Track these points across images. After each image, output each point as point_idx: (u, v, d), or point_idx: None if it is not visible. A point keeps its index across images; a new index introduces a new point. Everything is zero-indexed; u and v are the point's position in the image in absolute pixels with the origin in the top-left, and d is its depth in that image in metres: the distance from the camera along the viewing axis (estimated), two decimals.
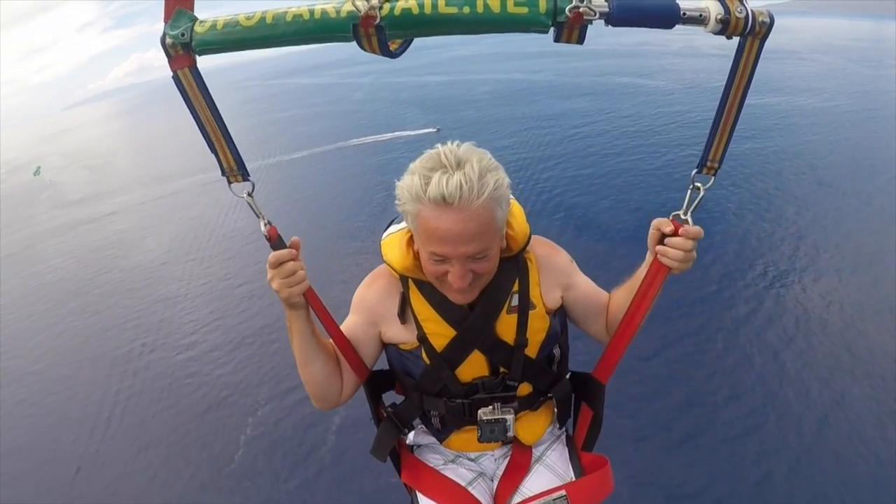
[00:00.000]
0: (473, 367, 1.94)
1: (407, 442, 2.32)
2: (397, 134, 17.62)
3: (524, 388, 2.02)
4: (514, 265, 1.93)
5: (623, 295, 1.94)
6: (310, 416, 5.56)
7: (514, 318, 1.90)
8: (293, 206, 12.34)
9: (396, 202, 1.69)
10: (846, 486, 4.15)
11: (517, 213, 1.93)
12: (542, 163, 12.20)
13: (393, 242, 1.94)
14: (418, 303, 1.91)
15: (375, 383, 2.15)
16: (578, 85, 22.60)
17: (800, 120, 13.72)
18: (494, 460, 2.21)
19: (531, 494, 2.01)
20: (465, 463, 2.20)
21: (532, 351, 1.95)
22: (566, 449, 2.22)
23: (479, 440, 1.98)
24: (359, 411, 5.36)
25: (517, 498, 2.04)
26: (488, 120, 17.52)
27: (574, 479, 2.08)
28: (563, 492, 1.97)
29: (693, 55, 28.56)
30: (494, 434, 1.97)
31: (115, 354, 7.62)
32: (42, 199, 20.27)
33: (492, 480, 2.18)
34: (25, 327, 8.99)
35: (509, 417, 1.97)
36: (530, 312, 1.91)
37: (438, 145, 1.65)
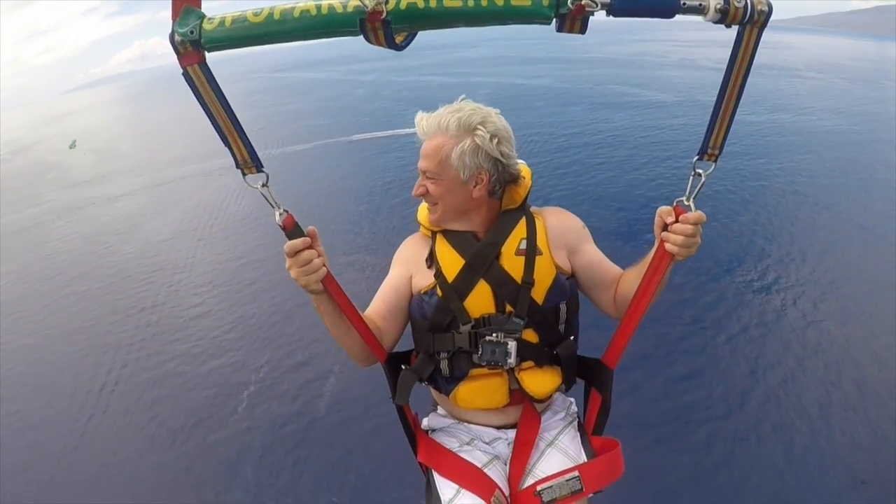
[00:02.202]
0: (481, 300, 2.13)
1: (423, 426, 2.47)
2: (397, 131, 17.73)
3: (529, 335, 2.16)
4: (519, 213, 2.21)
5: (633, 275, 2.07)
6: (307, 371, 5.99)
7: (521, 259, 2.11)
8: (297, 194, 12.60)
9: None
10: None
11: (523, 171, 2.26)
12: (539, 165, 12.30)
13: (423, 207, 2.28)
14: (441, 245, 2.20)
15: (394, 363, 2.31)
16: (576, 92, 22.67)
17: (791, 138, 13.94)
18: (508, 445, 2.30)
19: (544, 476, 2.13)
20: (481, 446, 2.30)
21: (539, 295, 2.13)
22: (578, 433, 2.33)
23: (480, 359, 2.11)
24: (352, 372, 5.81)
25: (530, 479, 2.15)
26: None
27: (586, 460, 2.19)
28: (575, 472, 2.10)
29: (692, 68, 28.65)
30: (495, 355, 2.08)
31: (126, 314, 8.06)
32: (48, 179, 20.23)
33: (506, 465, 2.26)
34: (37, 298, 9.32)
35: (511, 343, 2.09)
36: (537, 257, 2.12)
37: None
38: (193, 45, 1.49)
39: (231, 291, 8.16)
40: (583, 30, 1.46)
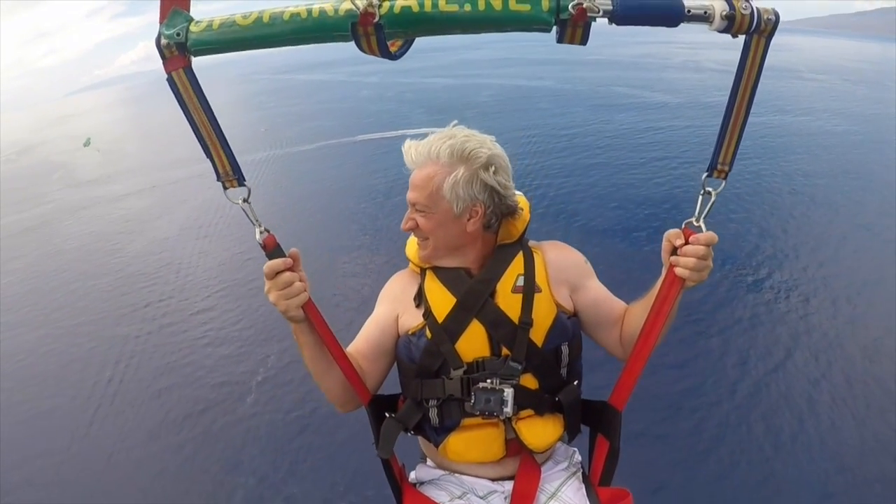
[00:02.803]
0: (474, 342, 1.95)
1: (409, 479, 2.27)
2: (402, 132, 17.69)
3: (528, 380, 1.97)
4: (516, 247, 2.04)
5: (639, 309, 1.93)
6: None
7: (518, 297, 1.94)
8: (296, 195, 12.77)
9: None
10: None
11: (521, 203, 2.09)
12: (541, 166, 12.48)
13: (412, 241, 2.13)
14: (430, 282, 2.03)
15: (378, 407, 2.15)
16: (578, 93, 22.71)
17: (789, 139, 13.97)
18: (504, 499, 2.06)
19: None
20: (474, 500, 2.07)
21: (538, 336, 1.94)
22: (582, 485, 2.10)
23: (473, 408, 1.92)
24: None
25: None
26: (489, 123, 17.52)
27: None
28: None
29: (695, 69, 28.69)
30: (490, 404, 1.90)
31: (134, 310, 8.22)
32: (53, 179, 20.33)
33: None
34: (46, 293, 9.51)
35: (508, 391, 1.90)
36: (536, 295, 1.95)
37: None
38: (179, 48, 1.44)
39: (236, 285, 8.32)
40: (584, 40, 1.39)
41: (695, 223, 1.69)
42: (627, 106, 18.88)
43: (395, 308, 2.08)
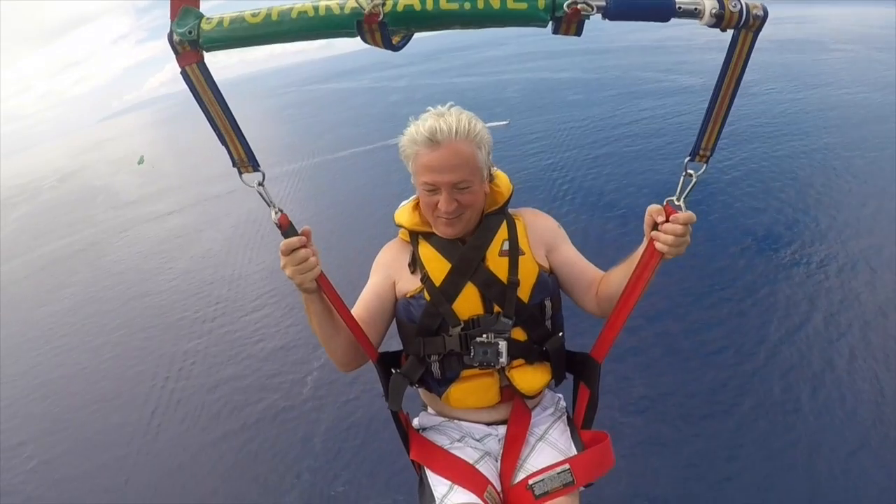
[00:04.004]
0: (469, 301, 2.13)
1: (414, 425, 2.45)
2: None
3: (518, 333, 2.16)
4: (501, 216, 2.22)
5: (619, 274, 2.06)
6: None
7: (505, 259, 2.13)
8: (333, 200, 13.08)
9: (400, 151, 2.10)
10: None
11: (502, 176, 2.27)
12: (570, 156, 12.58)
13: (403, 210, 2.28)
14: (424, 249, 2.18)
15: (385, 363, 2.32)
16: (603, 82, 22.66)
17: (824, 114, 13.52)
18: (498, 441, 2.30)
19: (535, 469, 2.13)
20: (471, 443, 2.28)
21: (524, 293, 2.14)
22: (567, 427, 2.34)
23: (472, 360, 2.10)
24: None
25: (521, 474, 2.15)
26: (518, 117, 17.83)
27: (576, 454, 2.19)
28: (566, 465, 2.09)
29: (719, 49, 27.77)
30: (487, 356, 2.09)
31: (190, 318, 8.60)
32: (97, 201, 20.94)
33: (497, 461, 2.26)
34: (102, 304, 10.04)
35: (502, 343, 2.09)
36: (520, 257, 2.14)
37: (429, 107, 2.07)
38: (192, 45, 1.51)
39: (286, 288, 8.51)
40: (578, 32, 1.46)
41: (675, 202, 1.80)
42: (654, 91, 18.80)
43: (389, 275, 2.24)
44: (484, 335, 2.10)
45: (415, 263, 2.19)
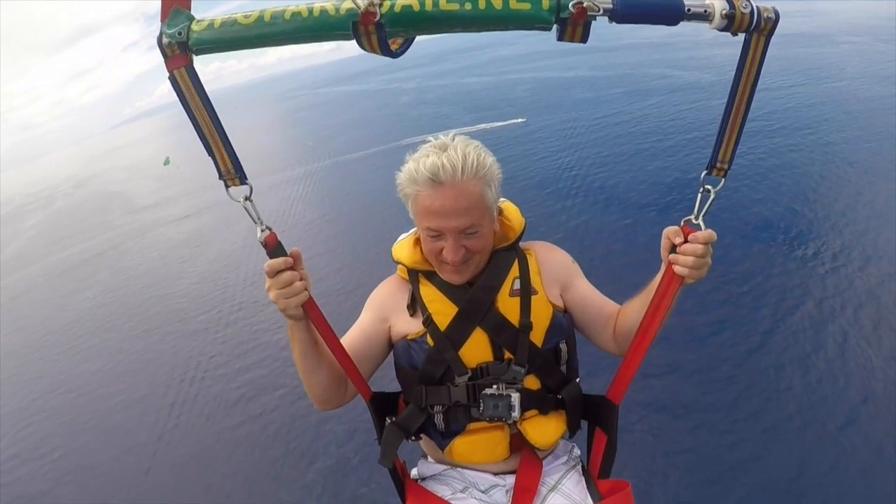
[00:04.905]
0: (477, 348, 1.93)
1: (412, 476, 2.26)
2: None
3: (531, 382, 1.98)
4: (511, 253, 2.01)
5: (636, 306, 1.91)
6: None
7: (516, 300, 1.93)
8: (345, 203, 13.03)
9: (398, 190, 1.85)
10: None
11: (511, 208, 2.08)
12: (582, 155, 12.55)
13: (402, 245, 2.08)
14: (426, 289, 1.99)
15: (380, 405, 2.14)
16: (611, 79, 22.62)
17: (827, 108, 13.40)
18: (506, 492, 2.06)
19: None
20: (476, 494, 2.05)
21: (537, 337, 1.94)
22: (582, 478, 2.11)
23: (482, 415, 1.92)
24: None
25: None
26: (527, 117, 17.85)
27: None
28: None
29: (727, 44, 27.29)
30: (498, 410, 1.90)
31: (209, 314, 8.85)
32: (113, 206, 21.18)
33: None
34: (118, 308, 10.23)
35: (514, 395, 1.91)
36: (533, 297, 1.95)
37: (430, 138, 1.84)
38: (181, 47, 1.44)
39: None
40: (584, 37, 1.38)
41: (693, 220, 1.68)
42: (662, 88, 18.75)
43: (383, 315, 2.05)
44: (494, 386, 1.92)
45: (414, 304, 2.01)
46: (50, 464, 6.12)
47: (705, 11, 1.37)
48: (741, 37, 1.44)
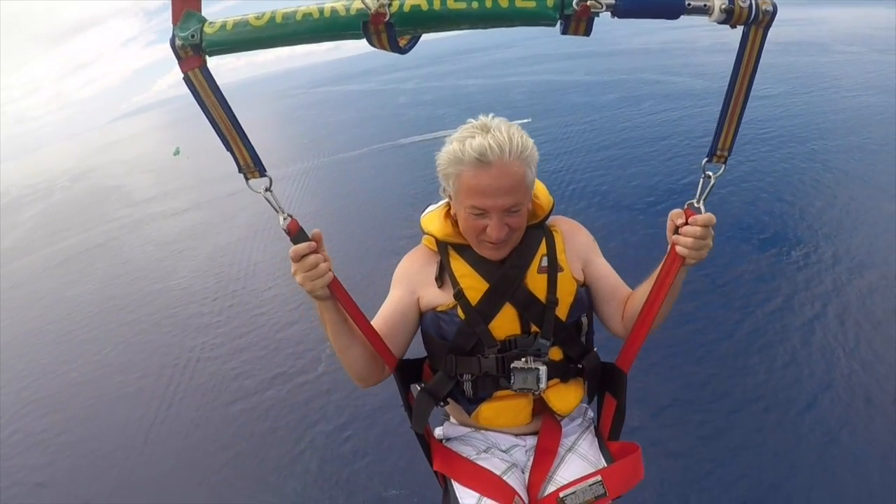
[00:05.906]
0: (506, 322, 2.04)
1: (436, 436, 2.39)
2: (442, 133, 17.49)
3: (555, 353, 2.10)
4: (540, 231, 2.11)
5: (644, 287, 2.02)
6: None
7: (544, 277, 2.03)
8: (342, 200, 13.29)
9: (438, 169, 1.95)
10: None
11: (541, 187, 2.17)
12: (577, 158, 12.68)
13: (432, 216, 2.18)
14: (456, 263, 2.07)
15: (405, 372, 2.22)
16: (606, 84, 22.74)
17: (824, 117, 13.38)
18: (525, 452, 2.24)
19: (565, 482, 2.05)
20: (498, 454, 2.21)
21: (562, 312, 2.06)
22: (595, 439, 2.28)
23: (511, 386, 2.03)
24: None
25: (551, 487, 2.07)
26: (524, 118, 17.41)
27: (606, 465, 2.12)
28: (598, 477, 2.01)
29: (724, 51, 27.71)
30: (527, 382, 2.01)
31: (206, 299, 9.14)
32: (111, 200, 21.29)
33: (523, 472, 2.19)
34: (117, 300, 10.37)
35: (542, 368, 2.01)
36: (559, 274, 2.05)
37: (470, 119, 1.90)
38: (194, 49, 1.47)
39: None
40: (587, 31, 1.43)
41: (695, 204, 1.78)
42: (655, 94, 18.82)
43: (413, 288, 2.14)
44: (522, 359, 2.04)
45: (443, 275, 2.10)
46: (54, 447, 6.32)
47: (705, 5, 1.42)
48: (737, 43, 1.56)
